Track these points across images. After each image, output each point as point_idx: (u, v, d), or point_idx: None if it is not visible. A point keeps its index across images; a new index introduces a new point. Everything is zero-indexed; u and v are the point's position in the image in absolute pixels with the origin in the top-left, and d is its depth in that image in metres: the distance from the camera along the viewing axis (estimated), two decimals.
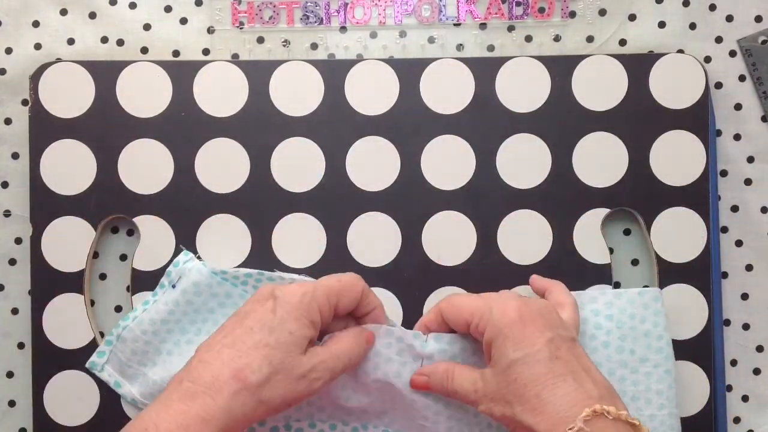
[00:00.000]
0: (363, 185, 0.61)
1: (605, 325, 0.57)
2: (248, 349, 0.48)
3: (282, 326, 0.49)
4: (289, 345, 0.49)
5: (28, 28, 0.63)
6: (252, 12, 0.62)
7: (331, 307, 0.52)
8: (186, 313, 0.59)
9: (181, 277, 0.59)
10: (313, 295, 0.51)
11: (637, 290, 0.58)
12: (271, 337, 0.49)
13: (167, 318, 0.58)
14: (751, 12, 0.62)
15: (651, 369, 0.57)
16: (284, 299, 0.50)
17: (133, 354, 0.59)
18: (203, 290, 0.58)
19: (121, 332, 0.59)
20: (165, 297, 0.59)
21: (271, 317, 0.50)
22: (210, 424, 0.46)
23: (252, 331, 0.49)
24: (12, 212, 0.63)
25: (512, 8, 0.62)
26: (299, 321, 0.50)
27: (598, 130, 0.61)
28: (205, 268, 0.58)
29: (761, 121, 0.63)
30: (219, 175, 0.61)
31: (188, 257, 0.60)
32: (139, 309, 0.59)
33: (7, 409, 0.62)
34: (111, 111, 0.61)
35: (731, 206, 0.62)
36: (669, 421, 0.57)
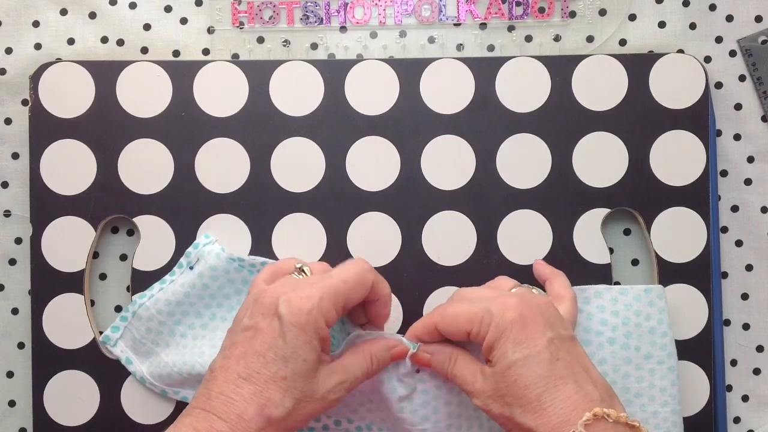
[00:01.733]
0: (363, 185, 0.61)
1: (611, 321, 0.57)
2: (266, 383, 0.48)
3: (295, 355, 0.48)
4: (306, 372, 0.49)
5: (28, 28, 0.63)
6: (252, 12, 0.62)
7: (338, 312, 0.51)
8: (201, 297, 0.59)
9: (199, 259, 0.59)
10: (319, 310, 0.49)
11: (643, 287, 0.58)
12: (287, 368, 0.48)
13: (183, 300, 0.59)
14: (751, 12, 0.62)
15: (655, 366, 0.57)
16: (290, 320, 0.48)
17: (147, 332, 0.59)
18: (220, 275, 0.59)
19: (137, 309, 0.59)
20: (182, 278, 0.59)
21: (282, 345, 0.48)
22: None
23: (266, 360, 0.48)
24: (12, 212, 0.63)
25: (512, 8, 0.62)
26: (310, 344, 0.49)
27: (598, 130, 0.61)
28: (223, 253, 0.59)
29: (761, 121, 0.63)
30: (219, 175, 0.61)
31: (209, 240, 0.60)
32: (156, 287, 0.60)
33: (7, 409, 0.62)
34: (111, 111, 0.61)
35: (731, 206, 0.62)
36: (672, 417, 0.57)
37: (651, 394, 0.57)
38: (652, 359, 0.57)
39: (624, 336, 0.57)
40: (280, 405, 0.48)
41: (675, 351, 0.58)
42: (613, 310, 0.57)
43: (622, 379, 0.56)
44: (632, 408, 0.56)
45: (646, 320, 0.57)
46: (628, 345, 0.57)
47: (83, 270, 0.61)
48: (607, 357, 0.56)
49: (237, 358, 0.49)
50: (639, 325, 0.57)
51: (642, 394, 0.57)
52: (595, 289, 0.58)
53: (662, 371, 0.57)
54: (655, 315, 0.57)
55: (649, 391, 0.57)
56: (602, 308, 0.57)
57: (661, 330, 0.57)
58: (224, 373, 0.49)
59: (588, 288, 0.58)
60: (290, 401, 0.48)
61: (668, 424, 0.57)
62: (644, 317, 0.57)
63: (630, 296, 0.57)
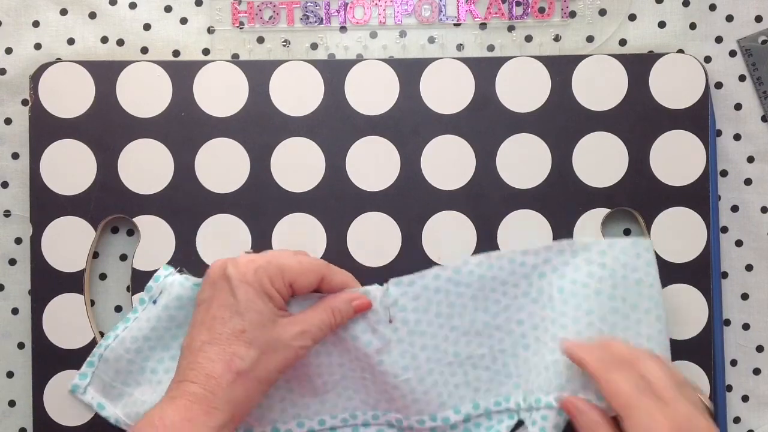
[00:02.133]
0: (363, 185, 0.61)
1: (598, 273, 0.57)
2: (228, 340, 0.51)
3: (249, 308, 0.51)
4: (263, 322, 0.52)
5: (28, 28, 0.63)
6: (252, 12, 0.62)
7: (286, 284, 0.53)
8: (168, 329, 0.58)
9: (162, 291, 0.58)
10: (264, 270, 0.52)
11: (630, 240, 0.58)
12: (245, 321, 0.51)
13: (149, 335, 0.58)
14: (751, 12, 0.62)
15: (642, 315, 0.57)
16: (238, 278, 0.52)
17: (116, 374, 0.59)
18: (186, 304, 0.58)
19: (104, 352, 0.58)
20: (146, 313, 0.58)
21: (234, 302, 0.51)
22: (214, 415, 0.49)
23: (223, 320, 0.51)
24: (12, 212, 0.63)
25: (512, 8, 0.62)
26: (261, 297, 0.52)
27: (598, 130, 0.61)
28: (187, 282, 0.58)
29: (761, 121, 0.63)
30: (219, 175, 0.61)
31: (168, 271, 0.59)
32: (119, 327, 0.59)
33: (7, 409, 0.62)
34: (111, 111, 0.61)
35: (731, 206, 0.62)
36: None
37: (638, 343, 0.57)
38: (638, 309, 0.57)
39: (611, 287, 0.57)
40: (246, 356, 0.50)
41: (662, 301, 0.58)
42: (601, 262, 0.57)
43: (610, 329, 0.57)
44: None
45: (632, 272, 0.57)
46: (614, 296, 0.57)
47: (83, 270, 0.61)
48: (594, 308, 0.57)
49: (198, 328, 0.52)
50: (626, 277, 0.57)
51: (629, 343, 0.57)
52: (582, 242, 0.58)
53: (649, 320, 0.57)
54: (642, 267, 0.57)
55: (636, 340, 0.57)
56: (589, 261, 0.58)
57: (648, 281, 0.57)
58: (190, 345, 0.52)
59: (576, 242, 0.58)
60: (255, 352, 0.51)
61: None
62: (631, 269, 0.57)
63: (617, 249, 0.58)
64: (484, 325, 0.58)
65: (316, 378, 0.58)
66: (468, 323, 0.58)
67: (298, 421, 0.58)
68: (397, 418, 0.58)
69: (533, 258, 0.58)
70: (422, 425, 0.58)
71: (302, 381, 0.58)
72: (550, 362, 0.56)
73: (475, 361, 0.58)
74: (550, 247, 0.58)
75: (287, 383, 0.58)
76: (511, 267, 0.58)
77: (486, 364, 0.58)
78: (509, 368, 0.59)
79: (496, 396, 0.58)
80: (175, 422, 0.48)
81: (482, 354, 0.58)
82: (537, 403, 0.56)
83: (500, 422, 0.58)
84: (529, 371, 0.58)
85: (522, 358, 0.58)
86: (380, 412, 0.58)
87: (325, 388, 0.58)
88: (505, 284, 0.58)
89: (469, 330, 0.58)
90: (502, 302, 0.58)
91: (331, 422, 0.58)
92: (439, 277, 0.57)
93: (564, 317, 0.57)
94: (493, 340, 0.59)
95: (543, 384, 0.56)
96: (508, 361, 0.59)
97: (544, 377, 0.56)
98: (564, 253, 0.58)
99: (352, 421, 0.59)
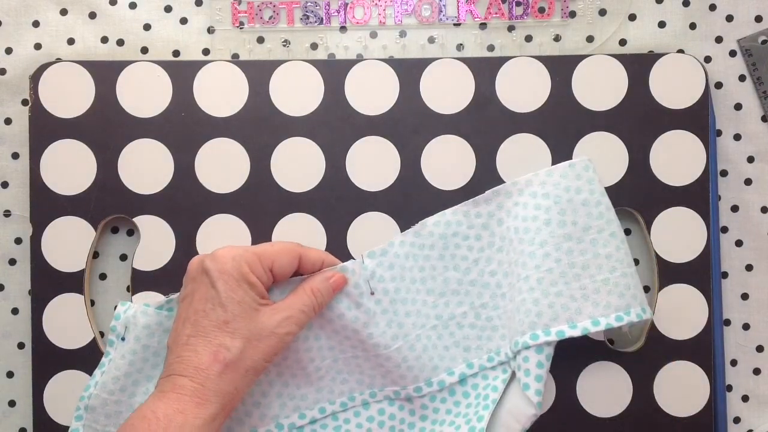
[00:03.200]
0: (363, 185, 0.61)
1: (543, 204, 0.57)
2: (213, 332, 0.51)
3: (230, 299, 0.52)
4: (245, 312, 0.52)
5: (28, 28, 0.63)
6: (252, 12, 0.62)
7: (265, 269, 0.53)
8: (146, 359, 0.58)
9: (128, 327, 0.58)
10: (242, 257, 0.53)
11: (567, 163, 0.58)
12: (227, 313, 0.51)
13: (129, 370, 0.58)
14: (751, 12, 0.62)
15: (595, 235, 0.57)
16: (217, 269, 0.52)
17: (107, 418, 0.58)
18: (155, 330, 0.58)
19: (88, 402, 0.58)
20: (119, 351, 0.58)
21: (215, 294, 0.52)
22: (204, 406, 0.50)
23: (206, 312, 0.52)
24: (12, 212, 0.63)
25: (512, 8, 0.62)
26: (241, 287, 0.52)
27: (598, 130, 0.61)
28: (149, 308, 0.58)
29: (761, 121, 0.63)
30: (219, 175, 0.61)
31: (126, 306, 0.59)
32: (97, 374, 0.58)
33: (7, 409, 0.62)
34: (111, 111, 0.61)
35: (731, 206, 0.62)
36: (623, 281, 0.57)
37: (597, 264, 0.57)
38: (591, 230, 0.57)
39: (558, 214, 0.57)
40: (232, 347, 0.51)
41: (614, 217, 0.58)
42: (544, 192, 0.58)
43: (567, 255, 0.57)
44: (583, 281, 0.56)
45: (576, 194, 0.57)
46: (564, 222, 0.57)
47: (83, 270, 0.61)
48: (547, 238, 0.57)
49: (182, 323, 0.52)
50: (571, 200, 0.57)
51: (588, 265, 0.57)
52: (525, 179, 0.59)
53: (604, 239, 0.57)
54: (585, 186, 0.58)
55: (595, 260, 0.57)
56: (534, 194, 0.58)
57: (594, 200, 0.58)
58: (175, 341, 0.52)
59: (519, 180, 0.59)
60: (240, 342, 0.51)
61: (620, 288, 0.57)
62: (575, 191, 0.58)
63: (557, 175, 0.58)
64: (457, 282, 0.59)
65: (309, 365, 0.58)
66: (442, 283, 0.59)
67: (300, 413, 0.59)
68: (394, 391, 0.59)
69: (485, 207, 0.59)
70: (419, 393, 0.58)
71: (296, 372, 0.58)
72: (519, 302, 0.57)
73: (459, 320, 0.59)
74: (498, 191, 0.59)
75: (281, 377, 0.58)
76: (468, 220, 0.59)
77: (470, 321, 0.59)
78: (493, 321, 0.59)
79: (488, 352, 0.59)
80: (168, 414, 0.49)
81: (464, 312, 0.59)
82: (515, 347, 0.56)
83: (495, 378, 0.58)
84: (509, 319, 0.58)
85: (502, 308, 0.59)
86: (377, 389, 0.59)
87: (318, 374, 0.58)
88: (468, 238, 0.59)
89: (444, 290, 0.59)
90: (469, 257, 0.59)
91: (331, 408, 0.59)
92: (404, 243, 0.58)
93: (522, 255, 0.57)
94: (471, 296, 0.59)
95: (517, 326, 0.57)
96: (491, 315, 0.59)
97: (518, 319, 0.57)
98: (512, 194, 0.59)
99: (351, 404, 0.59)
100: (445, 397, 0.59)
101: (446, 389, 0.58)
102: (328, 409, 0.59)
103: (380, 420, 0.59)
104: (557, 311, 0.56)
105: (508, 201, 0.59)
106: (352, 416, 0.59)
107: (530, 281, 0.56)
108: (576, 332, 0.55)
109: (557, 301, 0.56)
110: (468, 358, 0.59)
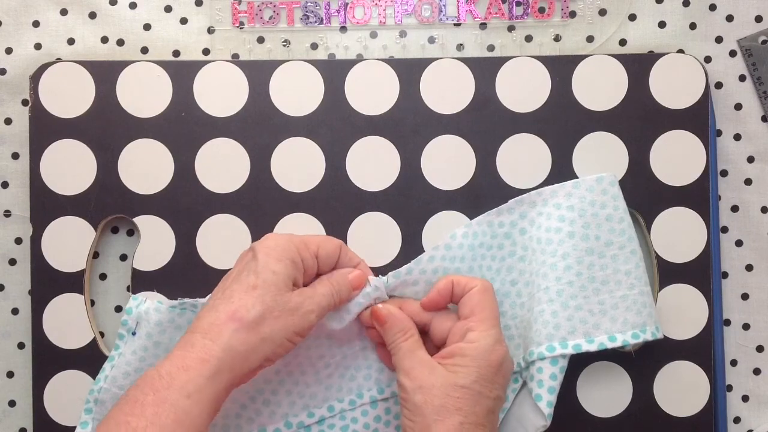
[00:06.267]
0: (363, 185, 0.61)
1: (568, 216, 0.57)
2: (237, 293, 0.51)
3: (265, 267, 0.52)
4: (277, 283, 0.52)
5: (28, 28, 0.63)
6: (252, 12, 0.62)
7: (312, 254, 0.54)
8: (157, 355, 0.58)
9: (139, 322, 0.58)
10: (290, 240, 0.54)
11: (594, 177, 0.58)
12: (258, 279, 0.51)
13: (140, 366, 0.57)
14: (751, 12, 0.62)
15: (617, 251, 0.57)
16: (262, 246, 0.53)
17: None
18: (167, 327, 0.58)
19: (98, 395, 0.57)
20: (129, 347, 0.58)
21: (254, 263, 0.52)
22: (209, 363, 0.49)
23: (239, 278, 0.52)
24: (12, 212, 0.63)
25: (512, 8, 0.62)
26: (281, 261, 0.52)
27: (598, 130, 0.61)
28: (162, 305, 0.58)
29: (761, 121, 0.63)
30: (219, 175, 0.61)
31: (138, 301, 0.58)
32: (107, 368, 0.58)
33: (7, 409, 0.62)
34: (111, 111, 0.61)
35: (731, 206, 0.62)
36: (641, 299, 0.57)
37: (617, 279, 0.57)
38: (612, 246, 0.57)
39: (582, 227, 0.57)
40: (251, 309, 0.50)
41: (635, 235, 0.58)
42: (569, 204, 0.58)
43: (587, 269, 0.57)
44: (602, 296, 0.57)
45: (601, 209, 0.58)
46: (587, 236, 0.57)
47: (83, 270, 0.61)
48: (569, 251, 0.57)
49: (215, 293, 0.53)
50: (596, 215, 0.57)
51: (608, 280, 0.57)
52: (550, 189, 0.59)
53: (625, 255, 0.57)
54: (609, 202, 0.58)
55: (614, 276, 0.57)
56: (558, 205, 0.58)
57: (618, 216, 0.58)
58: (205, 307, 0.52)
59: (544, 190, 0.59)
60: (260, 306, 0.51)
61: (638, 306, 0.57)
62: (599, 206, 0.58)
63: (583, 188, 0.58)
64: None
65: (318, 362, 0.58)
66: None
67: (308, 412, 0.59)
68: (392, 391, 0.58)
69: (508, 216, 0.59)
70: None
71: (306, 369, 0.58)
72: (537, 313, 0.57)
73: None
74: (522, 201, 0.59)
75: (290, 376, 0.58)
76: (492, 230, 0.59)
77: None
78: (510, 330, 0.59)
79: None
80: (171, 372, 0.48)
81: None
82: (530, 356, 0.56)
83: None
84: (525, 329, 0.58)
85: (520, 317, 0.58)
86: (384, 384, 0.59)
87: (327, 371, 0.58)
88: (491, 248, 0.59)
89: None
90: (493, 267, 0.59)
91: (340, 406, 0.59)
92: (434, 258, 0.58)
93: (543, 266, 0.57)
94: None
95: (534, 336, 0.56)
96: (509, 323, 0.59)
97: (535, 329, 0.57)
98: (536, 204, 0.59)
99: (359, 401, 0.59)
100: None
101: None
102: (336, 407, 0.59)
103: (387, 420, 0.59)
104: (575, 324, 0.56)
105: (531, 210, 0.59)
106: (360, 415, 0.59)
107: (550, 292, 0.56)
108: (593, 347, 0.56)
109: (576, 315, 0.56)
110: None
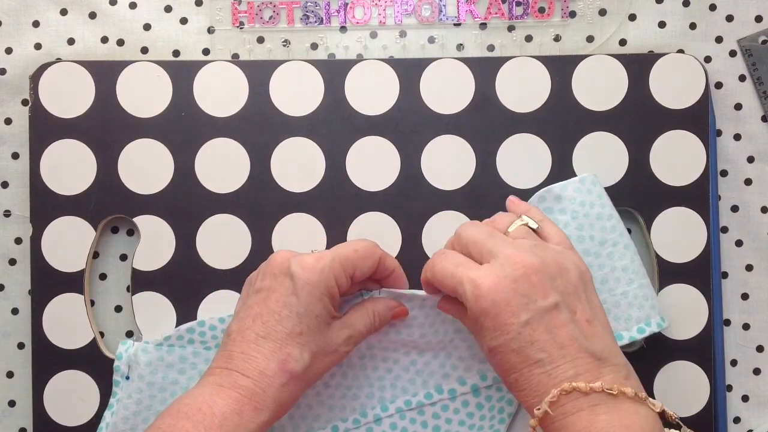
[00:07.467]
0: (363, 185, 0.61)
1: (561, 219, 0.57)
2: (284, 339, 0.50)
3: (309, 311, 0.51)
4: (320, 327, 0.51)
5: (28, 28, 0.63)
6: (252, 12, 0.62)
7: (348, 277, 0.53)
8: (153, 396, 0.58)
9: (131, 366, 0.58)
10: (330, 269, 0.52)
11: (577, 179, 0.58)
12: (302, 324, 0.51)
13: (137, 409, 0.58)
14: (751, 12, 0.62)
15: (611, 248, 0.57)
16: (303, 278, 0.51)
17: None
18: (158, 366, 0.58)
19: None
20: (125, 391, 0.58)
21: (296, 302, 0.51)
22: (261, 412, 0.49)
23: (281, 317, 0.51)
24: (12, 212, 0.63)
25: (512, 8, 0.62)
26: (322, 301, 0.51)
27: (598, 130, 0.61)
28: (149, 345, 0.58)
29: (761, 121, 0.63)
30: (219, 175, 0.61)
31: (127, 345, 0.59)
32: (107, 416, 0.58)
33: (7, 409, 0.62)
34: (111, 111, 0.61)
35: (731, 206, 0.62)
36: (641, 292, 0.57)
37: (615, 276, 0.57)
38: (606, 244, 0.57)
39: (577, 229, 0.57)
40: (300, 359, 0.50)
41: (625, 230, 0.58)
42: (560, 207, 0.58)
43: None
44: (603, 295, 0.56)
45: (591, 208, 0.58)
46: (582, 237, 0.57)
47: (83, 270, 0.61)
48: None
49: (253, 319, 0.51)
50: (587, 215, 0.57)
51: (607, 279, 0.57)
52: (538, 195, 0.59)
53: (619, 251, 0.57)
54: (596, 201, 0.58)
55: (612, 274, 0.57)
56: (550, 210, 0.58)
57: (606, 213, 0.58)
58: (241, 334, 0.51)
59: (533, 197, 0.59)
60: (308, 355, 0.51)
61: (639, 300, 0.57)
62: (589, 206, 0.58)
63: (570, 190, 0.58)
64: None
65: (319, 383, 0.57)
66: None
67: None
68: (405, 400, 0.58)
69: None
70: (429, 399, 0.58)
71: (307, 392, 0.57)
72: None
73: None
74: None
75: None
76: None
77: None
78: None
79: None
80: (225, 413, 0.48)
81: None
82: None
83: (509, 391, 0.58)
84: None
85: None
86: (388, 401, 0.58)
87: (328, 392, 0.58)
88: None
89: None
90: None
91: (344, 426, 0.58)
92: None
93: None
94: None
95: None
96: None
97: None
98: None
99: (363, 420, 0.58)
100: (458, 408, 0.58)
101: (459, 400, 0.58)
102: (341, 428, 0.58)
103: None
104: None
105: None
106: None
107: None
108: None
109: None
110: (483, 369, 0.58)
